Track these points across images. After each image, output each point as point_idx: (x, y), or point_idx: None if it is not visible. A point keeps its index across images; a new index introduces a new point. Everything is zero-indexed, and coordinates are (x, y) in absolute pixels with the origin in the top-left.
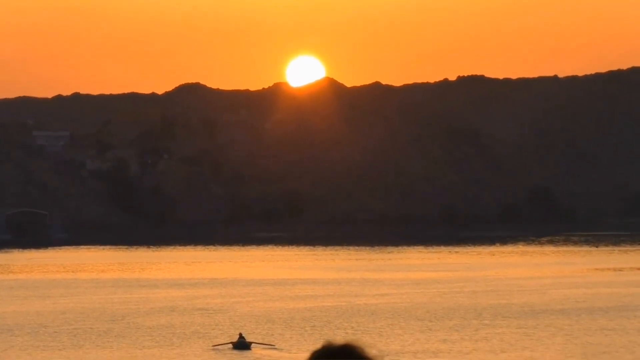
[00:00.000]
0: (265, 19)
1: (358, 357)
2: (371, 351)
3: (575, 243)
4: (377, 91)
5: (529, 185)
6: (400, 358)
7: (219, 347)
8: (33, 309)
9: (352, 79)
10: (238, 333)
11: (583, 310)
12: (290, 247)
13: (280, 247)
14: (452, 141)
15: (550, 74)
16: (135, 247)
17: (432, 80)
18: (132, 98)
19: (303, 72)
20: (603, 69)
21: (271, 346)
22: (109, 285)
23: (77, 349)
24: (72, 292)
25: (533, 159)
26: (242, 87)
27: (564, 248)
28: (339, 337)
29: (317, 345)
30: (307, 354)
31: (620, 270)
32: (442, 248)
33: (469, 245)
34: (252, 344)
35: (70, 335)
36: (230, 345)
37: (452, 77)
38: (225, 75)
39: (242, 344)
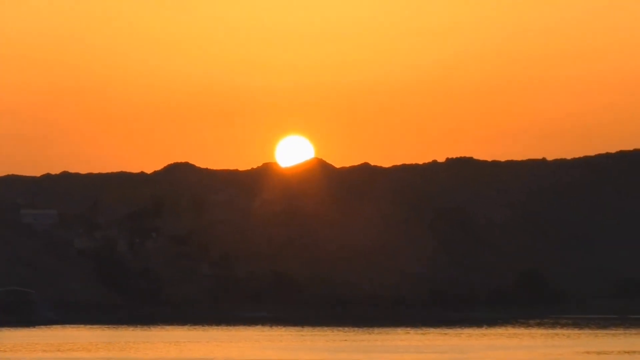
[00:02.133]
0: (255, 99)
1: None
2: None
3: (563, 326)
4: (366, 172)
5: (517, 267)
6: None
7: None
8: None
9: (341, 160)
10: None
11: None
12: (278, 327)
13: (267, 327)
14: (440, 222)
15: (539, 156)
16: (122, 326)
17: (420, 162)
18: (121, 177)
19: (292, 152)
20: (591, 152)
21: None
22: None
23: None
24: None
25: (522, 240)
26: (231, 167)
27: (552, 331)
28: None
29: None
30: None
31: (607, 354)
32: (431, 329)
33: (457, 327)
34: None
35: None
36: None
37: (441, 159)
38: (215, 155)
39: None
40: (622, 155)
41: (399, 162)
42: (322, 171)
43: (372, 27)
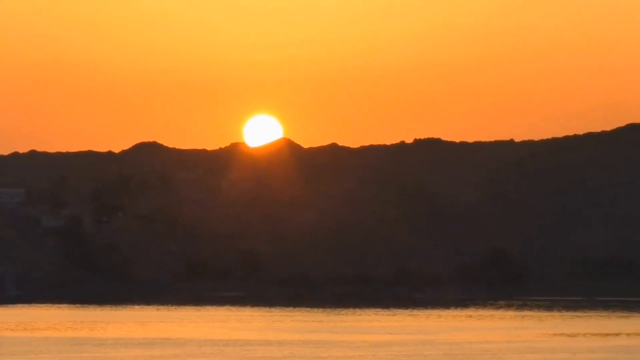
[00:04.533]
0: (223, 78)
1: None
2: None
3: (532, 307)
4: (334, 152)
5: (484, 248)
6: None
7: None
8: None
9: (309, 140)
10: None
11: None
12: (245, 307)
13: (234, 307)
14: (408, 202)
15: (506, 137)
16: (88, 305)
17: (389, 143)
18: (89, 156)
19: (260, 132)
20: (559, 133)
21: None
22: (62, 343)
23: None
24: (24, 351)
25: (488, 221)
26: (199, 147)
27: (520, 312)
28: None
29: None
30: None
31: (574, 336)
32: (398, 310)
33: (424, 308)
34: None
35: None
36: None
37: (409, 140)
38: (183, 135)
39: None
40: (590, 137)
41: (367, 143)
42: (290, 151)
43: (341, 7)
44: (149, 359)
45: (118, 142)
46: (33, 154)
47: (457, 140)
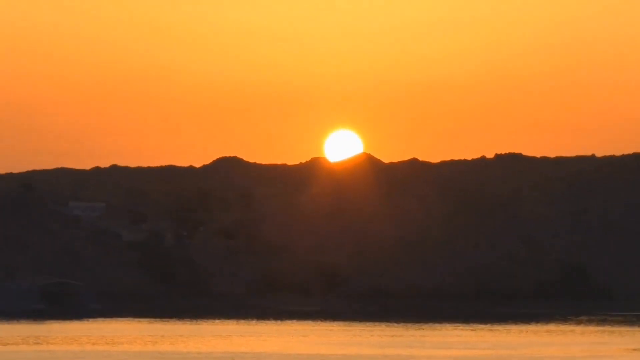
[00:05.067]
0: (304, 93)
1: None
2: None
3: (611, 323)
4: (414, 167)
5: (564, 263)
6: None
7: None
8: None
9: (390, 155)
10: None
11: None
12: (325, 321)
13: (314, 321)
14: (488, 218)
15: (588, 153)
16: (168, 319)
17: (469, 157)
18: (170, 171)
19: (341, 146)
20: None
21: None
22: (144, 357)
23: None
24: None
25: (569, 236)
26: (279, 162)
27: (600, 327)
28: None
29: None
30: None
31: None
32: (477, 325)
33: (504, 323)
34: None
35: None
36: None
37: (490, 155)
38: (263, 150)
39: None
40: None
41: (447, 158)
42: (370, 166)
43: (422, 23)
44: None
45: (199, 156)
46: (114, 168)
47: (538, 155)
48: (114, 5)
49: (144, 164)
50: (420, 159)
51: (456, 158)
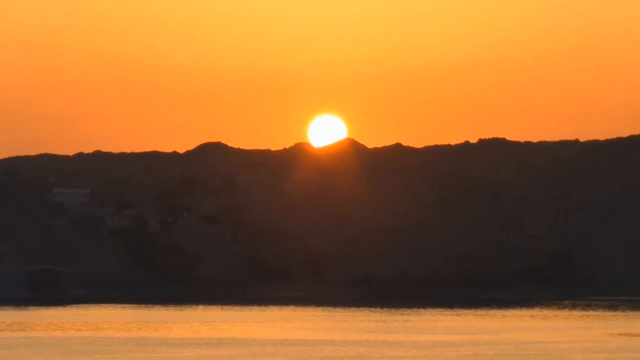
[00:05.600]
0: (287, 78)
1: None
2: None
3: (595, 307)
4: (398, 152)
5: (549, 248)
6: None
7: None
8: None
9: (374, 140)
10: None
11: None
12: (310, 307)
13: (299, 307)
14: (472, 203)
15: (571, 137)
16: (153, 305)
17: (453, 142)
18: (153, 156)
19: (325, 132)
20: (624, 133)
21: None
22: (128, 343)
23: None
24: (90, 351)
25: (553, 221)
26: (263, 147)
27: (584, 312)
28: None
29: None
30: None
31: (639, 336)
32: (462, 310)
33: (489, 308)
34: None
35: None
36: None
37: (473, 140)
38: (247, 135)
39: None
40: None
41: (431, 143)
42: (354, 151)
43: (406, 10)
44: (216, 358)
45: (182, 142)
46: (97, 154)
47: (522, 140)
48: None
49: (128, 149)
50: (404, 144)
51: (440, 143)
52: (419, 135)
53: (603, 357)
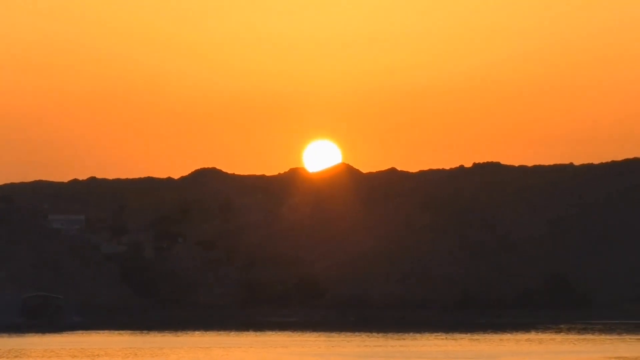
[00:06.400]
0: (282, 104)
1: None
2: None
3: (592, 331)
4: (393, 177)
5: (544, 272)
6: None
7: None
8: None
9: (368, 165)
10: None
11: None
12: (305, 332)
13: (294, 332)
14: (467, 227)
15: (566, 161)
16: (149, 331)
17: (447, 167)
18: (148, 182)
19: (320, 157)
20: (618, 157)
21: None
22: None
23: None
24: None
25: (548, 245)
26: (258, 172)
27: (581, 336)
28: None
29: None
30: None
31: (636, 359)
32: (458, 335)
33: (485, 332)
34: None
35: None
36: None
37: (468, 164)
38: (242, 161)
39: None
40: None
41: (425, 167)
42: (349, 176)
43: (400, 33)
44: None
45: (177, 168)
46: (92, 180)
47: (516, 164)
48: (91, 17)
49: (122, 175)
50: (399, 168)
51: (435, 167)
52: (413, 160)
53: None
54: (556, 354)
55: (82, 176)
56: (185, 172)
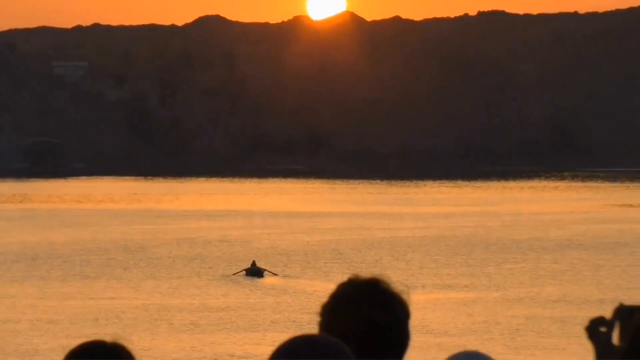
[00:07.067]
0: None
1: (383, 292)
2: (397, 287)
3: (595, 179)
4: (397, 26)
5: (548, 120)
6: (416, 291)
7: (237, 275)
8: (50, 239)
9: (373, 13)
10: (252, 261)
11: (599, 245)
12: (309, 180)
13: (298, 180)
14: (471, 76)
15: (571, 9)
16: (153, 178)
17: (452, 15)
18: (152, 29)
19: (323, 5)
20: (623, 5)
21: (275, 274)
22: (127, 216)
23: (94, 280)
24: (91, 222)
25: (552, 94)
26: (261, 20)
27: (585, 184)
28: (359, 270)
29: (343, 278)
30: (330, 284)
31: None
32: (462, 182)
33: (488, 180)
34: (265, 272)
35: (87, 265)
36: (244, 273)
37: (473, 12)
38: (245, 8)
39: (254, 271)
40: None
41: (430, 16)
42: (353, 25)
43: None
44: (217, 230)
45: (181, 15)
46: (96, 27)
47: (521, 12)
48: None
49: (126, 22)
50: (403, 16)
51: (439, 15)
52: (418, 8)
53: (603, 228)
54: (560, 201)
55: (86, 22)
56: (189, 19)
